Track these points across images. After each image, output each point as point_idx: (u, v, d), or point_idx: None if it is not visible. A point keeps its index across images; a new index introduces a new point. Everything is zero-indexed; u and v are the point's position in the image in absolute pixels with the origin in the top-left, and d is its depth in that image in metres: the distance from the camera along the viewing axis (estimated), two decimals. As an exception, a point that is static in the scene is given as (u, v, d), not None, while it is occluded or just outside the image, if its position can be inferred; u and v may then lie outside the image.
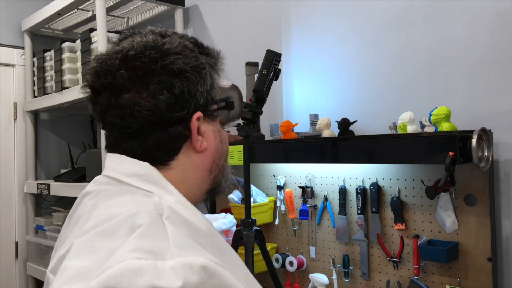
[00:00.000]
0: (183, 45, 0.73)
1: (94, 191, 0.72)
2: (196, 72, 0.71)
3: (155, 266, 0.50)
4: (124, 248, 0.52)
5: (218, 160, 0.78)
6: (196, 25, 2.40)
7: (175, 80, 0.69)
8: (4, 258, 2.64)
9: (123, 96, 0.69)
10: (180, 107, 0.69)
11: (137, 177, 0.69)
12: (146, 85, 0.68)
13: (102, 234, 0.57)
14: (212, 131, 0.77)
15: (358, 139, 1.49)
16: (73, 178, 2.33)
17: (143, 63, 0.68)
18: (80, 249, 0.57)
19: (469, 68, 1.46)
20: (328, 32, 1.83)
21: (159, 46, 0.70)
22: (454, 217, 1.42)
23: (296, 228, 1.84)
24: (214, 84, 0.75)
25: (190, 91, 0.70)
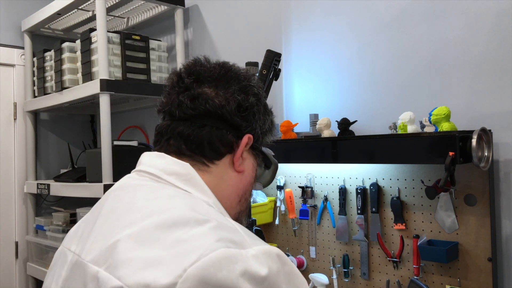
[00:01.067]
0: (264, 90, 0.86)
1: (130, 185, 0.74)
2: (265, 109, 0.83)
3: (241, 254, 0.56)
4: (209, 239, 0.56)
5: (247, 194, 0.83)
6: (196, 25, 2.40)
7: (252, 96, 0.79)
8: (4, 258, 2.64)
9: (205, 85, 0.77)
10: (244, 116, 0.77)
11: (176, 176, 0.72)
12: (229, 86, 0.77)
13: (163, 226, 0.59)
14: (251, 164, 0.82)
15: (358, 139, 1.49)
16: (73, 178, 2.33)
17: (235, 73, 0.80)
18: (142, 240, 0.59)
19: (469, 68, 1.46)
20: (328, 32, 1.83)
21: (247, 73, 0.82)
22: (454, 217, 1.42)
23: (296, 228, 1.84)
24: (267, 135, 0.84)
25: (255, 114, 0.79)
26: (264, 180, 0.92)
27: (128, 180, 0.76)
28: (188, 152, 0.75)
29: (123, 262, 0.57)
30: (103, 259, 0.61)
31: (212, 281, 0.52)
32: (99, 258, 0.62)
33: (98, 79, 2.02)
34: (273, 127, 0.87)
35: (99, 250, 0.63)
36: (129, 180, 0.76)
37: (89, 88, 2.09)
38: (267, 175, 0.92)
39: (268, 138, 0.86)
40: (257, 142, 0.81)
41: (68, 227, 2.43)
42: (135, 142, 2.26)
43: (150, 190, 0.70)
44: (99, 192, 2.00)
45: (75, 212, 2.37)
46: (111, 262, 0.59)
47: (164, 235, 0.58)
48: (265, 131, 0.83)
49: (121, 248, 0.59)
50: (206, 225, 0.60)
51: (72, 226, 2.57)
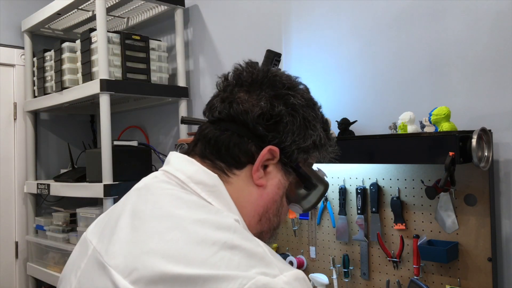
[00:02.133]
0: (314, 104, 0.79)
1: (156, 188, 0.71)
2: (304, 122, 0.75)
3: (275, 282, 0.55)
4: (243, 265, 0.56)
5: (270, 214, 0.76)
6: (196, 25, 2.40)
7: (283, 106, 0.73)
8: (4, 258, 2.64)
9: (242, 89, 0.74)
10: (267, 125, 0.72)
11: (203, 186, 0.70)
12: (260, 91, 0.73)
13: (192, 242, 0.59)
14: (278, 180, 0.75)
15: (358, 139, 1.49)
16: (73, 178, 2.33)
17: (273, 78, 0.75)
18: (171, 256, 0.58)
19: (469, 68, 1.46)
20: (328, 32, 1.83)
21: (295, 82, 0.77)
22: (454, 217, 1.42)
23: (296, 228, 1.84)
24: (310, 152, 0.77)
25: (287, 124, 0.73)
26: (307, 203, 0.81)
27: (154, 180, 0.73)
28: (210, 155, 0.73)
29: (156, 282, 0.56)
30: (128, 270, 0.59)
31: None
32: (124, 268, 0.60)
33: (98, 79, 2.02)
34: (323, 145, 0.79)
35: (123, 258, 0.61)
36: (155, 180, 0.73)
37: (89, 88, 2.09)
38: (312, 197, 0.80)
39: (315, 155, 0.79)
40: (289, 157, 0.74)
41: (68, 227, 2.43)
42: (135, 142, 2.26)
43: (175, 198, 0.67)
44: (99, 192, 2.00)
45: (75, 212, 2.37)
46: (138, 277, 0.58)
47: (194, 254, 0.57)
48: (305, 147, 0.75)
49: (149, 262, 0.58)
50: (236, 249, 0.58)
51: (72, 226, 2.55)
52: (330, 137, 0.82)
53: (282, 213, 0.79)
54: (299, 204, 0.81)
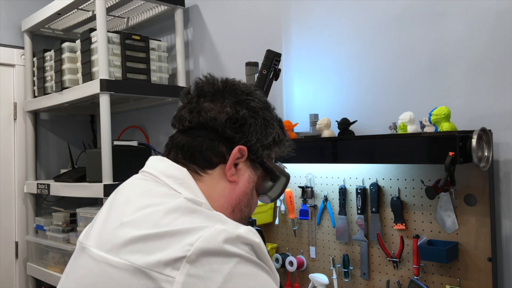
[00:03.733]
0: (269, 105, 0.89)
1: (131, 184, 0.81)
2: (264, 122, 0.85)
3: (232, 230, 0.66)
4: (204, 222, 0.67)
5: (242, 205, 0.85)
6: (196, 25, 2.40)
7: (245, 110, 0.82)
8: (4, 258, 2.64)
9: (205, 99, 0.83)
10: (234, 128, 0.81)
11: (173, 179, 0.78)
12: (224, 99, 0.82)
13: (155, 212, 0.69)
14: (248, 175, 0.85)
15: (358, 139, 1.49)
16: (73, 178, 2.32)
17: (233, 87, 0.84)
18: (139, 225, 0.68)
19: (469, 68, 1.46)
20: (328, 32, 1.83)
21: (251, 88, 0.86)
22: (454, 217, 1.42)
23: (296, 228, 1.84)
24: (271, 148, 0.87)
25: (250, 126, 0.83)
26: (273, 193, 0.91)
27: (131, 179, 0.84)
28: (183, 160, 0.82)
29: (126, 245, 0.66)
30: (103, 243, 0.70)
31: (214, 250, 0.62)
32: (99, 242, 0.71)
33: (98, 79, 2.02)
34: (281, 141, 0.90)
35: (99, 236, 0.73)
36: (132, 179, 0.84)
37: (89, 88, 2.09)
38: (277, 188, 0.91)
39: (276, 150, 0.89)
40: (255, 154, 0.84)
41: (68, 227, 2.43)
42: (135, 142, 2.26)
43: (146, 188, 0.77)
44: (99, 192, 2.00)
45: (75, 212, 2.37)
46: (111, 246, 0.68)
47: (159, 219, 0.67)
48: (267, 144, 0.85)
49: (120, 232, 0.68)
50: (196, 213, 0.69)
51: (72, 226, 2.56)
52: (286, 133, 0.93)
53: (252, 204, 0.89)
54: (267, 195, 0.91)
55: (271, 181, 0.90)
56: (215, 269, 0.61)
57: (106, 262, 0.67)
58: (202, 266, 0.61)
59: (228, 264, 0.62)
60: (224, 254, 0.62)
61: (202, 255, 0.61)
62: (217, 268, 0.61)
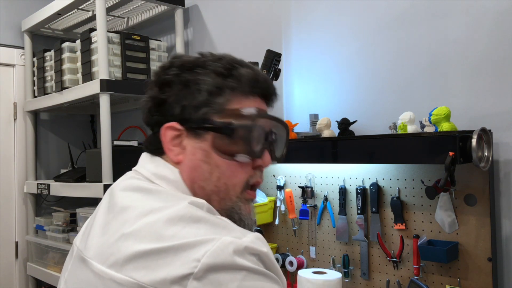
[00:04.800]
0: (193, 60, 0.79)
1: (126, 185, 0.78)
2: (184, 86, 0.76)
3: (240, 240, 0.62)
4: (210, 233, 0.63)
5: (200, 181, 0.75)
6: (196, 25, 2.40)
7: (156, 88, 0.78)
8: (4, 258, 2.64)
9: None
10: (157, 112, 0.78)
11: (166, 182, 0.76)
12: (148, 90, 0.81)
13: (158, 222, 0.65)
14: (192, 147, 0.75)
15: (358, 139, 1.49)
16: (73, 178, 2.32)
17: (154, 76, 0.81)
18: (142, 236, 0.65)
19: (469, 68, 1.46)
20: (328, 32, 1.83)
21: (173, 60, 0.80)
22: (454, 217, 1.42)
23: (296, 228, 1.84)
24: (211, 103, 0.74)
25: (167, 101, 0.77)
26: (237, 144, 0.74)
27: (125, 178, 0.81)
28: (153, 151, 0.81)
29: (130, 260, 0.63)
30: (105, 257, 0.66)
31: (221, 264, 0.60)
32: (101, 256, 0.67)
33: (98, 79, 2.02)
34: (225, 85, 0.75)
35: (99, 248, 0.69)
36: (126, 178, 0.81)
37: (89, 88, 2.09)
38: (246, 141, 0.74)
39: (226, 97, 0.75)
40: (190, 121, 0.74)
41: (68, 227, 2.43)
42: (135, 142, 2.26)
43: (144, 191, 0.74)
44: (99, 192, 2.00)
45: (75, 212, 2.37)
46: (114, 260, 0.64)
47: (162, 230, 0.64)
48: (201, 102, 0.74)
49: (122, 245, 0.65)
50: (201, 222, 0.65)
51: (72, 226, 2.56)
52: (238, 70, 0.76)
53: (221, 174, 0.75)
54: (242, 154, 0.75)
55: (230, 137, 0.73)
56: (222, 284, 0.59)
57: (109, 278, 0.64)
58: (210, 283, 0.59)
59: (235, 278, 0.60)
60: (232, 268, 0.60)
61: (209, 271, 0.59)
62: (225, 283, 0.59)
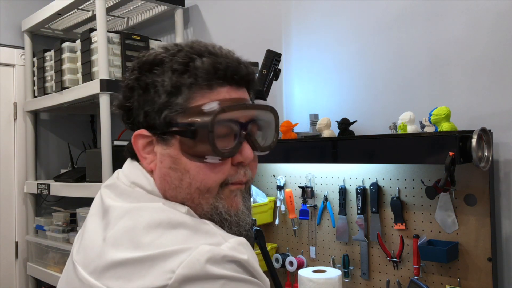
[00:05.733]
0: (152, 59, 0.72)
1: (111, 189, 0.76)
2: (144, 90, 0.71)
3: (219, 248, 0.60)
4: (187, 241, 0.61)
5: (170, 190, 0.71)
6: (196, 25, 2.40)
7: (123, 95, 0.75)
8: (4, 258, 2.64)
9: None
10: (128, 120, 0.75)
11: (144, 191, 0.72)
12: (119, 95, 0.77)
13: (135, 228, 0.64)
14: (160, 155, 0.71)
15: (358, 139, 1.49)
16: (73, 178, 2.32)
17: (125, 74, 0.76)
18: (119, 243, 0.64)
19: (469, 68, 1.46)
20: (328, 32, 1.83)
21: (134, 61, 0.75)
22: (454, 217, 1.42)
23: (296, 228, 1.84)
24: (171, 103, 0.68)
25: (131, 107, 0.73)
26: (213, 147, 0.68)
27: (109, 181, 0.78)
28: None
29: (108, 269, 0.62)
30: (87, 262, 0.67)
31: (197, 275, 0.58)
32: (84, 261, 0.68)
33: (98, 79, 2.02)
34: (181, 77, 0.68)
35: (84, 252, 0.69)
36: (110, 181, 0.78)
37: (89, 88, 2.09)
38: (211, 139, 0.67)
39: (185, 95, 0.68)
40: (155, 127, 0.70)
41: (68, 227, 2.43)
42: (135, 142, 2.26)
43: (122, 191, 0.73)
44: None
45: (75, 212, 2.37)
46: (94, 267, 0.64)
47: (140, 237, 0.63)
48: (162, 104, 0.69)
49: (102, 252, 0.64)
50: (180, 227, 0.63)
51: (72, 226, 2.56)
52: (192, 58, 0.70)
53: (192, 178, 0.70)
54: (210, 155, 0.69)
55: (194, 138, 0.68)
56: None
57: (88, 285, 0.64)
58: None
59: (215, 286, 0.58)
60: (208, 278, 0.58)
61: (185, 282, 0.57)
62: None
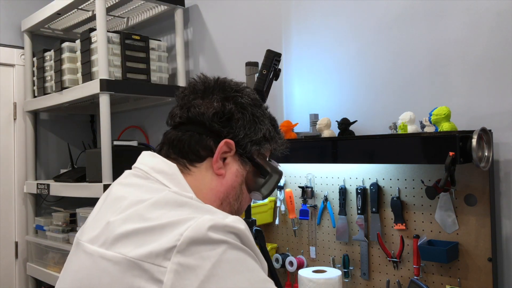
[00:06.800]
0: (260, 103, 0.90)
1: (124, 182, 0.83)
2: (253, 118, 0.86)
3: (221, 220, 0.67)
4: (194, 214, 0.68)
5: (230, 198, 0.86)
6: (196, 25, 2.40)
7: (233, 105, 0.84)
8: (4, 258, 2.64)
9: (196, 96, 0.86)
10: (221, 122, 0.83)
11: (163, 174, 0.80)
12: (212, 95, 0.85)
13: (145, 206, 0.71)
14: (236, 169, 0.86)
15: (358, 139, 1.49)
16: (73, 178, 2.32)
17: (222, 84, 0.87)
18: (129, 218, 0.70)
19: (469, 68, 1.46)
20: (328, 32, 1.83)
21: (241, 86, 0.88)
22: (454, 217, 1.42)
23: (296, 228, 1.84)
24: (261, 144, 0.88)
25: (238, 120, 0.84)
26: (265, 190, 0.90)
27: (124, 174, 0.86)
28: (173, 155, 0.84)
29: (118, 239, 0.68)
30: (96, 238, 0.72)
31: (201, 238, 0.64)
32: (93, 238, 0.73)
33: (98, 79, 2.02)
34: (273, 138, 0.91)
35: (92, 231, 0.74)
36: (125, 174, 0.86)
37: (89, 88, 2.09)
38: (268, 185, 0.90)
39: (267, 147, 0.90)
40: (243, 149, 0.85)
41: (68, 227, 2.43)
42: (135, 142, 2.26)
43: (137, 184, 0.79)
44: (99, 192, 2.00)
45: (75, 212, 2.37)
46: (104, 240, 0.70)
47: (147, 213, 0.69)
48: (256, 140, 0.86)
49: (112, 227, 0.70)
50: (185, 206, 0.70)
51: (72, 226, 2.56)
52: (279, 131, 0.94)
53: (242, 200, 0.89)
54: (258, 191, 0.90)
55: (261, 177, 0.90)
56: (204, 256, 0.63)
57: (99, 256, 0.68)
58: (192, 254, 0.63)
59: (216, 251, 0.64)
60: (212, 242, 0.64)
61: (191, 244, 0.63)
62: (206, 255, 0.63)
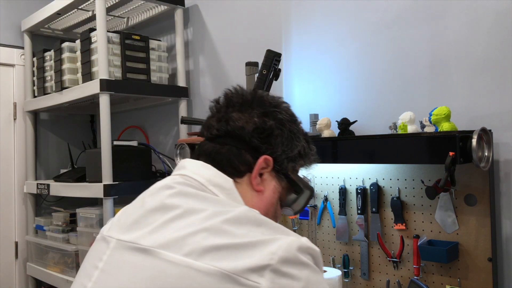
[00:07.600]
0: (296, 119, 0.92)
1: (177, 189, 0.77)
2: (290, 134, 0.87)
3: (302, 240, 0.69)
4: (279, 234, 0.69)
5: (269, 214, 0.84)
6: (196, 25, 2.40)
7: (272, 121, 0.84)
8: (4, 258, 2.64)
9: (233, 109, 0.85)
10: (261, 138, 0.83)
11: (220, 189, 0.79)
12: (252, 109, 0.85)
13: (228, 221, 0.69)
14: (273, 186, 0.86)
15: (358, 139, 1.49)
16: (73, 178, 2.33)
17: (261, 99, 0.87)
18: (214, 232, 0.68)
19: (469, 68, 1.46)
20: (328, 32, 1.83)
21: (278, 100, 0.90)
22: (454, 217, 1.42)
23: (296, 228, 1.84)
24: (296, 161, 0.88)
25: (277, 137, 0.84)
26: (297, 206, 0.92)
27: (173, 181, 0.80)
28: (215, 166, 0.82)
29: (208, 251, 0.65)
30: (179, 246, 0.67)
31: (292, 259, 0.65)
32: (173, 246, 0.68)
33: (98, 79, 2.02)
34: (307, 154, 0.91)
35: (170, 239, 0.69)
36: (174, 181, 0.80)
37: (89, 88, 2.09)
38: (301, 201, 0.91)
39: (301, 164, 0.91)
40: (280, 165, 0.86)
41: (68, 227, 2.43)
42: (135, 142, 2.26)
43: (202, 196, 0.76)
44: (99, 192, 2.00)
45: (75, 212, 2.37)
46: (190, 250, 0.66)
47: (233, 228, 0.68)
48: (292, 156, 0.87)
49: (199, 239, 0.67)
50: (263, 225, 0.70)
51: (72, 226, 2.56)
52: (312, 147, 0.95)
53: (277, 216, 0.89)
54: (290, 207, 0.92)
55: (295, 193, 0.91)
56: (294, 276, 0.65)
57: (186, 266, 0.66)
58: (284, 274, 0.64)
59: (304, 272, 0.66)
60: (300, 263, 0.66)
61: (284, 264, 0.64)
62: (297, 276, 0.65)
